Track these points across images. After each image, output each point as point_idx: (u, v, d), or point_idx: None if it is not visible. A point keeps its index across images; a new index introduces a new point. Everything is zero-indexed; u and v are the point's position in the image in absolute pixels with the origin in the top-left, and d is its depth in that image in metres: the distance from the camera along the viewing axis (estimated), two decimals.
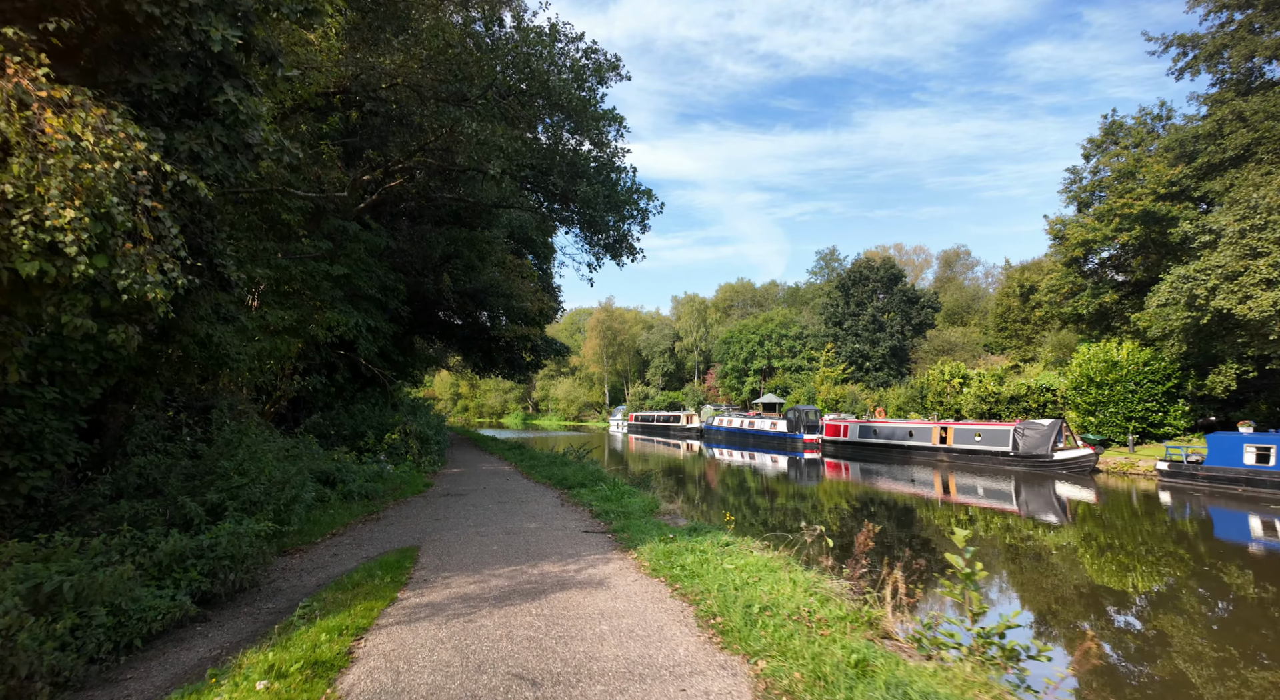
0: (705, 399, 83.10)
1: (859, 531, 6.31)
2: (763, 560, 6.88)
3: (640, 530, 8.77)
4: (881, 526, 15.60)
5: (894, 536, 15.62)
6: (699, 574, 6.51)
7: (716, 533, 8.41)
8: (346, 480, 12.69)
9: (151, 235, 5.34)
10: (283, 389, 15.33)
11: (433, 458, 17.87)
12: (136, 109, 5.70)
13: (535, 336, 31.31)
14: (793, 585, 5.98)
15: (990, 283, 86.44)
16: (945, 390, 45.77)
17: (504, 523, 10.04)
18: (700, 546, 7.54)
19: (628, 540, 8.33)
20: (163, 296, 5.25)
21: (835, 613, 5.23)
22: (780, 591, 5.81)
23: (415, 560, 7.55)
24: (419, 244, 21.47)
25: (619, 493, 12.19)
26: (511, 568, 7.10)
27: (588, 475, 14.48)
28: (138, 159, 5.07)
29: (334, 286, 14.94)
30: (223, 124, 5.90)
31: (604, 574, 6.82)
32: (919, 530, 16.76)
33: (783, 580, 6.20)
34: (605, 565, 7.20)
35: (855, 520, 17.67)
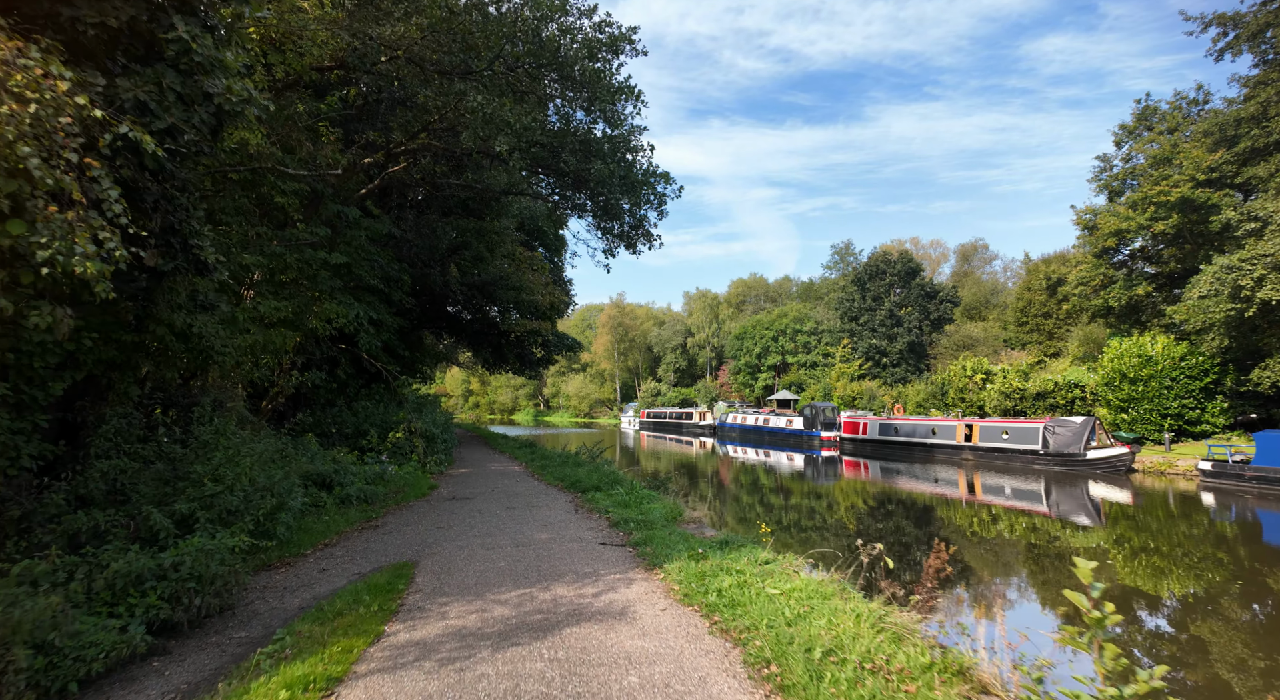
0: (718, 396, 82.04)
1: (921, 548, 5.30)
2: (812, 584, 5.88)
3: (665, 543, 7.79)
4: (924, 534, 14.62)
5: (952, 549, 14.57)
6: (740, 602, 5.52)
7: (753, 548, 7.42)
8: (344, 483, 11.80)
9: (83, 198, 4.41)
10: (280, 385, 14.47)
11: (439, 457, 16.98)
12: (72, 51, 4.77)
13: (546, 331, 30.40)
14: (855, 619, 4.98)
15: (1009, 277, 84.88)
16: (967, 387, 44.50)
17: (512, 532, 9.09)
18: (736, 565, 6.55)
19: (652, 556, 7.35)
20: (95, 272, 4.32)
21: (917, 659, 4.22)
22: (842, 627, 4.81)
23: (410, 580, 6.61)
24: (425, 235, 20.56)
25: (637, 497, 11.22)
26: (519, 591, 6.14)
27: (602, 477, 13.52)
28: (61, 103, 4.13)
29: (333, 276, 14.04)
30: (175, 68, 4.96)
31: (627, 600, 5.85)
32: (982, 543, 15.69)
33: (841, 611, 5.21)
34: (628, 588, 6.23)
35: (896, 526, 16.63)
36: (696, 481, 26.11)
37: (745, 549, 7.34)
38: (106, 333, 7.98)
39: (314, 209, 14.30)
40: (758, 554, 6.96)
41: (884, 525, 16.47)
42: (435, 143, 15.08)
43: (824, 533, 15.07)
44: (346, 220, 14.34)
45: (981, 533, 15.72)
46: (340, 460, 12.62)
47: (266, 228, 12.33)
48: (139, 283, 8.00)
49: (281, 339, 12.75)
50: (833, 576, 6.11)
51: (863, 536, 14.01)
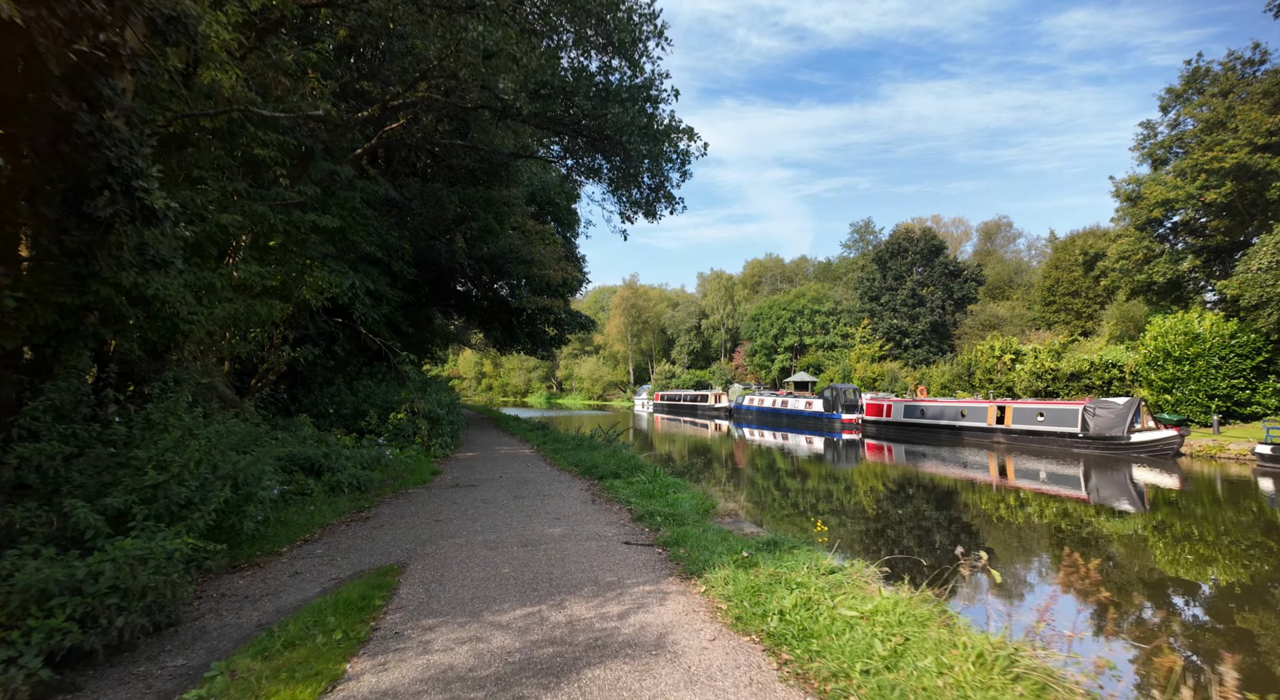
0: (733, 378, 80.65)
1: (1028, 555, 3.95)
2: (900, 605, 4.57)
3: (701, 543, 6.51)
4: (990, 525, 13.26)
5: (1093, 564, 13.21)
6: (812, 631, 4.23)
7: (809, 551, 6.11)
8: (335, 469, 10.61)
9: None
10: (270, 362, 13.28)
11: (444, 440, 15.80)
12: None
13: (559, 309, 29.12)
14: (976, 660, 3.67)
15: (1033, 256, 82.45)
16: (995, 367, 42.85)
17: (520, 527, 7.84)
18: (795, 576, 5.25)
19: (687, 560, 6.06)
20: None
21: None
22: (961, 674, 3.50)
23: (392, 592, 5.37)
24: (430, 205, 19.25)
25: (662, 486, 9.95)
26: (526, 609, 4.87)
27: (621, 463, 12.26)
28: None
29: (324, 242, 12.79)
30: None
31: (663, 624, 4.58)
32: (1055, 536, 14.32)
33: (949, 645, 3.89)
34: (662, 606, 4.95)
35: (953, 517, 15.29)
36: (719, 466, 24.79)
37: (800, 553, 6.03)
38: (42, 294, 6.77)
39: (303, 168, 13.02)
40: (818, 560, 5.65)
41: (941, 516, 15.13)
42: (436, 96, 13.70)
43: (877, 527, 13.73)
44: (339, 180, 13.05)
45: (1051, 522, 14.36)
46: (332, 443, 11.43)
47: (247, 184, 11.06)
48: (74, 234, 6.77)
49: (268, 310, 11.53)
50: (922, 592, 4.78)
51: (920, 528, 12.66)
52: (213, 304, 10.44)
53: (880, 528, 13.45)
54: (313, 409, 15.32)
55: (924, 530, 13.24)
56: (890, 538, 12.52)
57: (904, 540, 12.20)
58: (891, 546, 11.41)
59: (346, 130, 13.54)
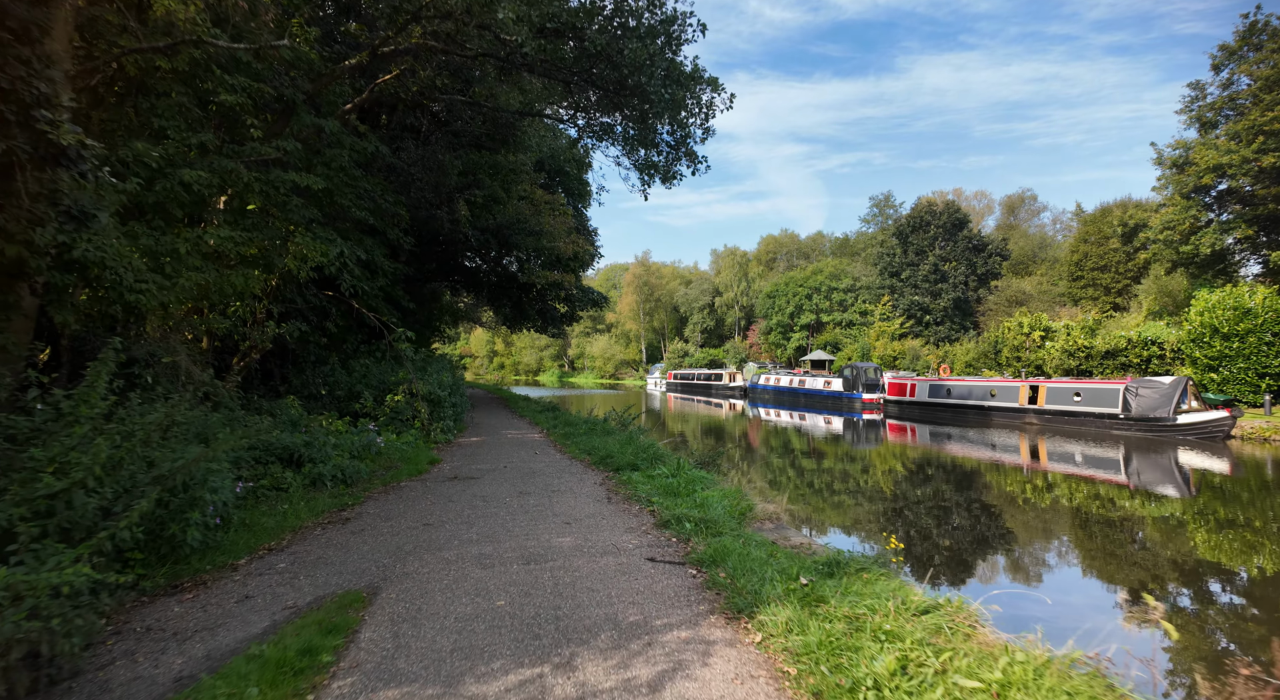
0: (747, 356, 79.20)
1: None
2: (1044, 670, 3.25)
3: (745, 563, 5.22)
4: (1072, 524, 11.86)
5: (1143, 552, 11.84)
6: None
7: (883, 575, 4.80)
8: (317, 459, 9.40)
9: None
10: (253, 339, 12.07)
11: (445, 424, 14.59)
12: None
13: (569, 284, 27.78)
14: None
15: (1058, 230, 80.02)
16: (1023, 345, 41.16)
17: (523, 535, 6.59)
18: (880, 618, 3.94)
19: (731, 590, 4.77)
20: None
21: None
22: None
23: (349, 638, 4.11)
24: (431, 171, 17.85)
25: (687, 481, 8.66)
26: (522, 672, 3.59)
27: (639, 451, 10.98)
28: None
29: (308, 205, 11.47)
30: None
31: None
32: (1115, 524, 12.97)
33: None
34: (706, 667, 3.66)
35: (1035, 519, 13.95)
36: (739, 450, 23.44)
37: (875, 579, 4.71)
38: None
39: (285, 123, 11.67)
40: (905, 594, 4.33)
41: (1015, 515, 13.79)
42: (432, 43, 12.25)
43: (934, 524, 12.40)
44: (325, 136, 11.70)
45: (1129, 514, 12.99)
46: (316, 430, 10.20)
47: (218, 138, 9.73)
48: None
49: (245, 281, 10.27)
50: (1070, 652, 3.46)
51: (995, 531, 11.28)
52: (178, 272, 9.20)
53: (940, 525, 12.12)
54: (303, 390, 14.14)
55: (998, 533, 11.91)
56: (966, 543, 11.20)
57: (984, 547, 10.89)
58: (966, 554, 10.09)
59: (332, 80, 12.14)
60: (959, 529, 12.03)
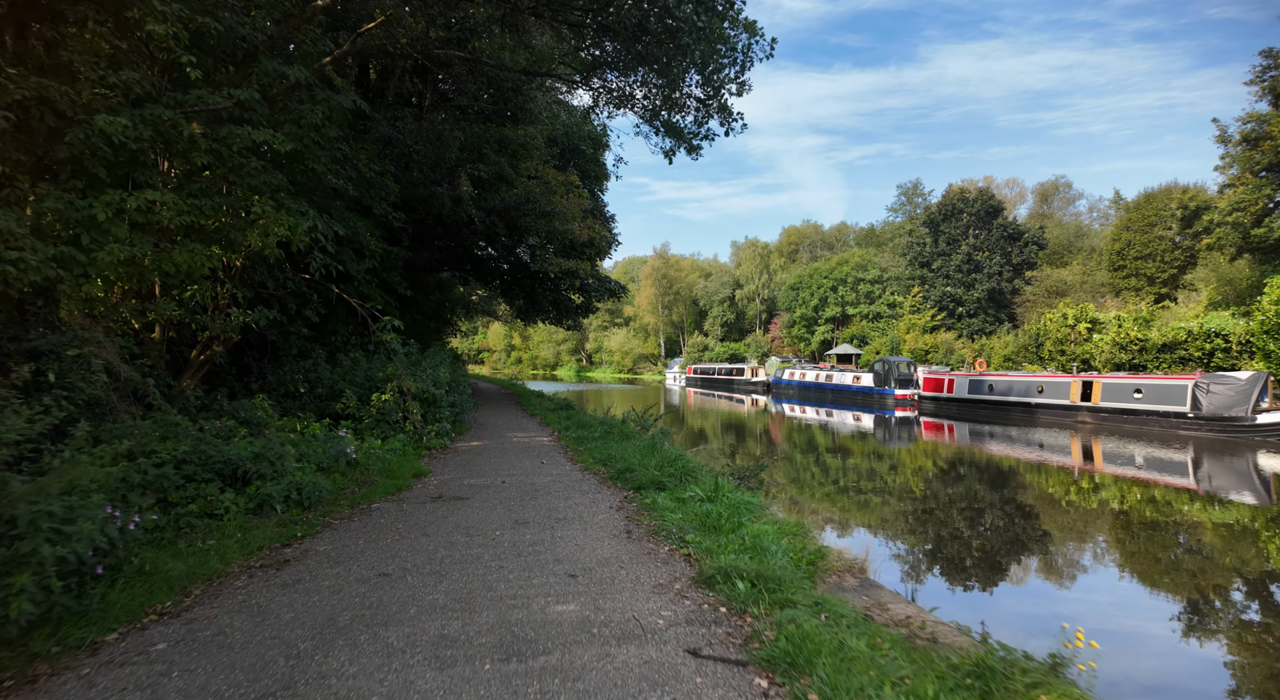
0: (769, 350, 76.93)
1: None
2: None
3: (844, 670, 3.28)
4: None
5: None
6: None
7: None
8: (269, 475, 7.59)
9: None
10: (213, 329, 10.31)
11: (441, 427, 12.77)
12: None
13: (585, 272, 25.90)
14: None
15: (1095, 218, 76.72)
16: (1068, 338, 38.68)
17: (509, 599, 4.68)
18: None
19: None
20: None
21: None
22: None
23: None
24: (430, 143, 16.01)
25: (730, 508, 6.72)
26: None
27: (664, 463, 9.05)
28: None
29: (271, 169, 9.66)
30: None
31: None
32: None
33: None
34: None
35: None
36: (778, 457, 21.22)
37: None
38: None
39: (245, 71, 9.87)
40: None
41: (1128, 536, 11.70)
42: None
43: (1083, 569, 10.32)
44: (290, 85, 9.87)
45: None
46: (270, 438, 8.38)
47: (146, 76, 7.92)
48: None
49: (192, 259, 8.51)
50: None
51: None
52: (98, 245, 7.44)
53: (1092, 575, 10.08)
54: (279, 388, 12.40)
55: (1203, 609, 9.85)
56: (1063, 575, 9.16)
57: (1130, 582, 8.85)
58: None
59: (302, 23, 10.30)
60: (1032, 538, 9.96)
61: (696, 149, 15.06)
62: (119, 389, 7.85)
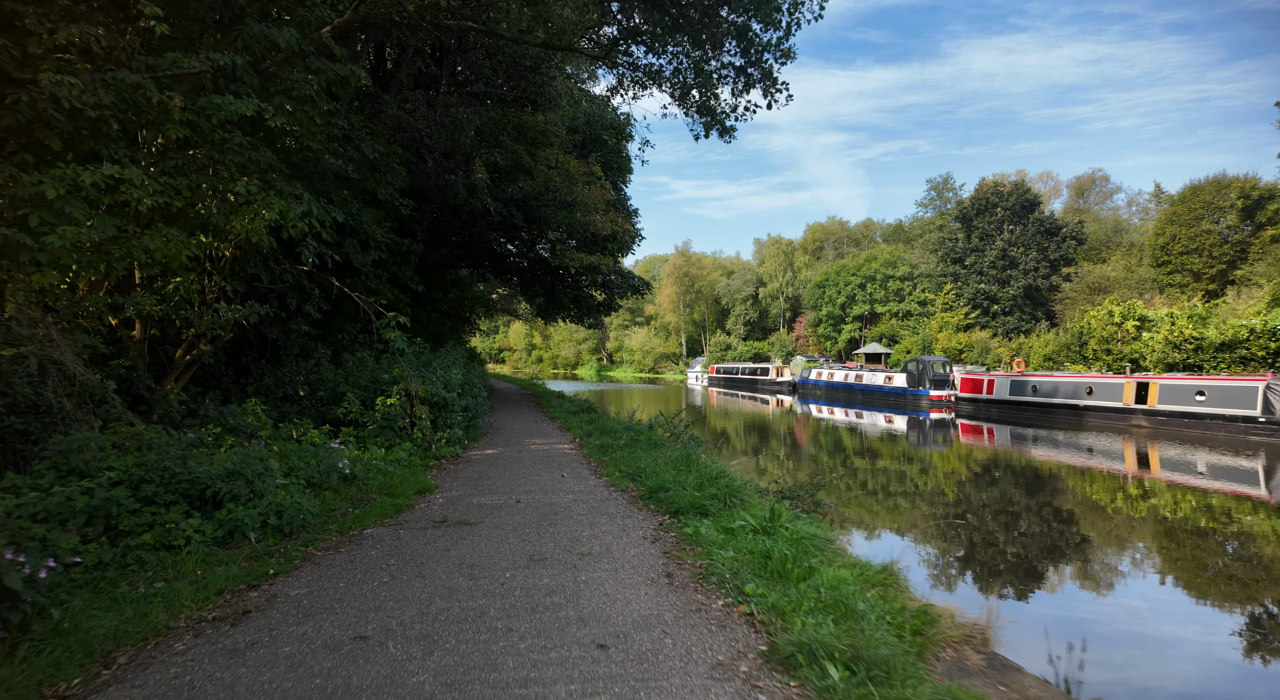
0: (794, 349, 75.24)
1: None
2: None
3: None
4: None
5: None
6: None
7: None
8: (245, 496, 6.47)
9: None
10: (199, 326, 9.26)
11: (454, 433, 11.64)
12: None
13: (607, 268, 24.72)
14: None
15: (1134, 213, 73.96)
16: (1115, 336, 36.75)
17: (520, 692, 3.48)
18: None
19: None
20: None
21: None
22: None
23: None
24: (443, 128, 14.91)
25: (794, 543, 5.46)
26: None
27: (704, 480, 7.79)
28: None
29: (258, 146, 8.58)
30: None
31: None
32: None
33: None
34: None
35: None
36: (821, 466, 19.47)
37: None
38: None
39: (229, 38, 8.80)
40: None
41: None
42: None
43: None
44: (282, 55, 8.79)
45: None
46: (249, 451, 7.26)
47: (111, 35, 6.86)
48: None
49: (165, 244, 7.45)
50: None
51: None
52: (49, 227, 6.41)
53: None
54: (277, 391, 11.34)
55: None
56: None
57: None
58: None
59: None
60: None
61: (730, 130, 13.81)
62: (75, 394, 6.80)
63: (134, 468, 6.22)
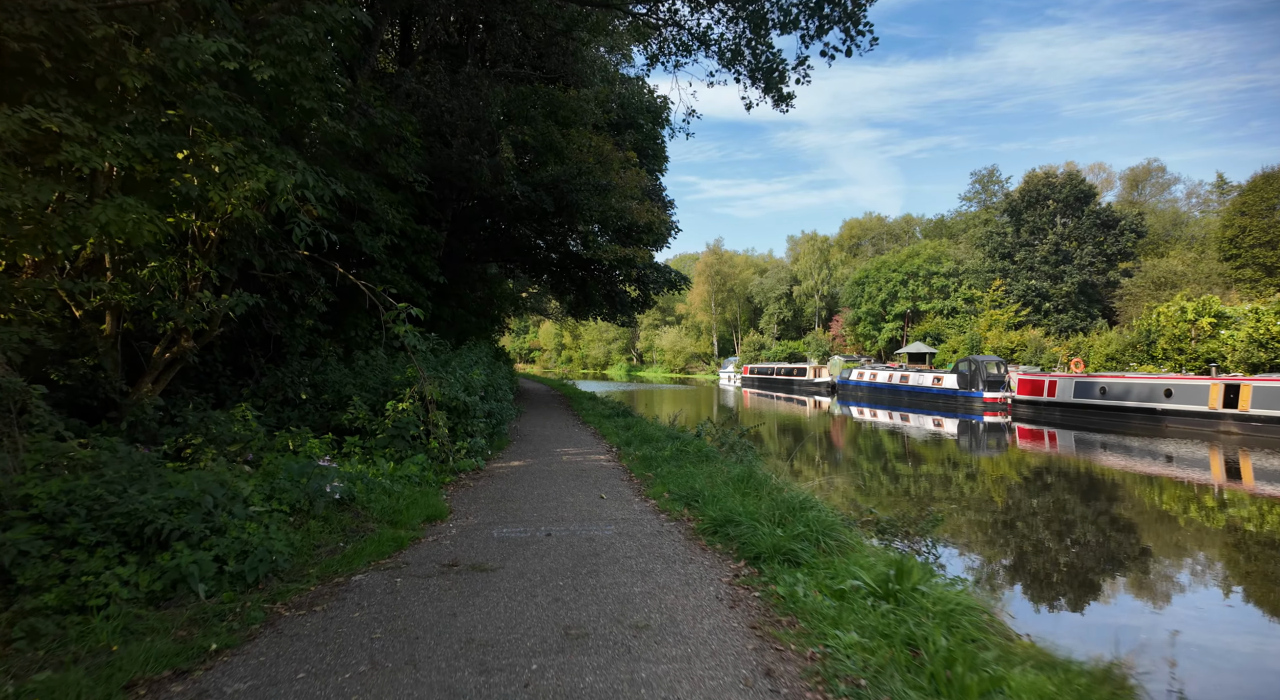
0: (830, 349, 72.84)
1: None
2: None
3: None
4: None
5: None
6: None
7: None
8: (194, 534, 5.00)
9: None
10: (179, 319, 7.88)
11: (476, 443, 10.14)
12: None
13: (642, 262, 23.13)
14: None
15: (1194, 205, 70.08)
16: (1188, 334, 34.08)
17: None
18: None
19: None
20: None
21: None
22: None
23: None
24: (467, 102, 13.48)
25: (941, 616, 3.80)
26: None
27: (786, 512, 6.10)
28: None
29: (240, 103, 7.16)
30: None
31: None
32: None
33: None
34: None
35: None
36: (892, 477, 17.11)
37: None
38: None
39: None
40: None
41: None
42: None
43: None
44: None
45: None
46: (205, 472, 5.79)
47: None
48: None
49: (120, 218, 6.08)
50: None
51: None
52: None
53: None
54: (276, 394, 9.96)
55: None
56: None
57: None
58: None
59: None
60: None
61: (787, 98, 12.14)
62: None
63: (59, 496, 4.80)
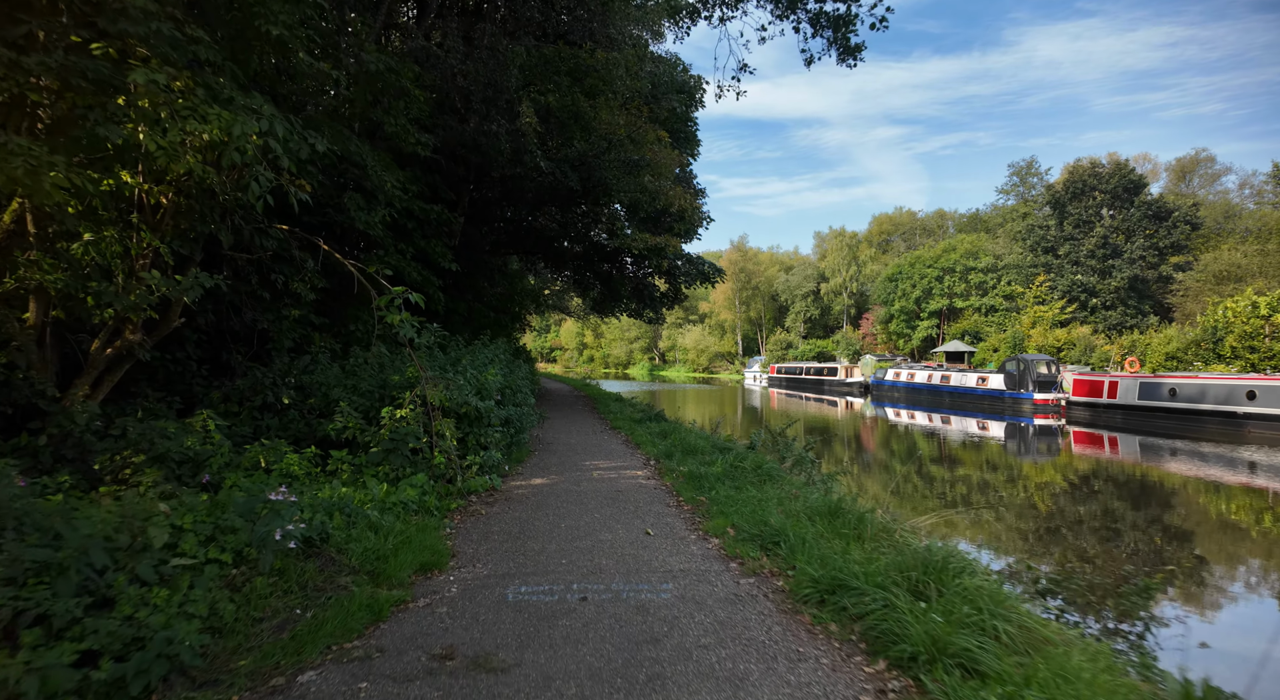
0: (861, 348, 70.46)
1: None
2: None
3: None
4: None
5: None
6: None
7: None
8: (57, 616, 3.34)
9: None
10: (123, 305, 6.27)
11: (489, 457, 8.46)
12: None
13: (674, 251, 21.35)
14: None
15: (1248, 196, 66.57)
16: (1260, 331, 31.54)
17: None
18: None
19: None
20: None
21: None
22: None
23: None
24: (484, 63, 11.83)
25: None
26: None
27: (919, 571, 4.31)
28: None
29: (184, 23, 5.51)
30: None
31: None
32: None
33: None
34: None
35: None
36: (1004, 500, 13.95)
37: None
38: None
39: None
40: None
41: None
42: None
43: None
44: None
45: None
46: (103, 525, 4.12)
47: None
48: None
49: (23, 172, 4.40)
50: None
51: None
52: None
53: None
54: (254, 398, 8.33)
55: None
56: None
57: None
58: None
59: None
60: None
61: (855, 50, 10.33)
62: None
63: None
